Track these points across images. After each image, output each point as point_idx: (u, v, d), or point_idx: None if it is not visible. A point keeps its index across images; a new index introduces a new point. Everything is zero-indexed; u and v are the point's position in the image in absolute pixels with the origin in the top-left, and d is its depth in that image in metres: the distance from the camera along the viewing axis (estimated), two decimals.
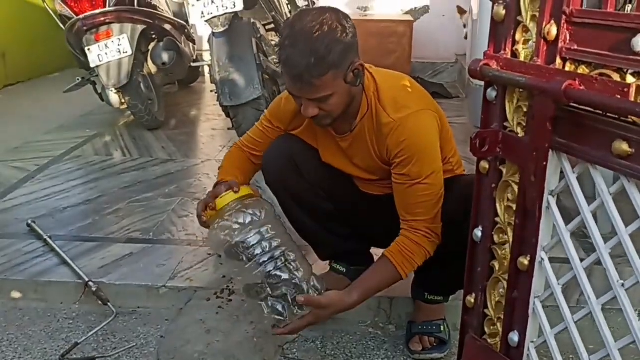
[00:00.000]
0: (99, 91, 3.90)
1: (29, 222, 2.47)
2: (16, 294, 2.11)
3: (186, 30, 4.26)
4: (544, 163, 0.94)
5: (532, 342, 1.08)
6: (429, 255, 1.63)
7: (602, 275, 0.90)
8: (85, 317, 2.03)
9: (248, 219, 1.59)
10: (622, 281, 0.87)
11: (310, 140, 1.81)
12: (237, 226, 1.58)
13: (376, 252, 2.08)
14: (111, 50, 3.44)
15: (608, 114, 0.83)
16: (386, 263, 1.62)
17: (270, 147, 1.81)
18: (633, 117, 0.77)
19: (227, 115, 3.08)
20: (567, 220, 0.94)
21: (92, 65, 3.49)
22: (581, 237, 2.11)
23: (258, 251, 1.57)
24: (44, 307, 2.08)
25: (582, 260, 0.96)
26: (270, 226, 1.62)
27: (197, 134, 3.95)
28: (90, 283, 2.06)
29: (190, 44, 4.37)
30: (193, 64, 3.65)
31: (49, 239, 2.33)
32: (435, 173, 1.60)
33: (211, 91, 3.19)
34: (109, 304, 2.02)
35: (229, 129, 3.60)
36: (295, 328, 1.59)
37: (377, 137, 1.64)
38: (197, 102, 4.77)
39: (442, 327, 1.85)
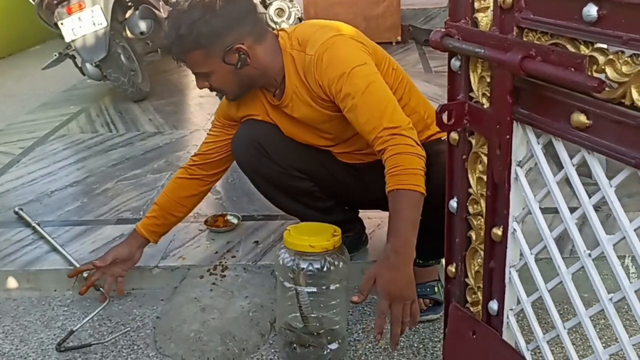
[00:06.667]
0: (79, 65, 3.88)
1: (17, 209, 2.51)
2: (9, 284, 2.16)
3: None
4: (507, 136, 0.95)
5: (511, 309, 1.12)
6: (422, 157, 1.51)
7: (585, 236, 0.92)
8: (80, 304, 2.08)
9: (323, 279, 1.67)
10: (588, 251, 0.90)
11: (267, 121, 1.84)
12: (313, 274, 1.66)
13: (364, 215, 2.12)
14: (85, 23, 3.41)
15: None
16: (398, 196, 1.49)
17: (235, 135, 1.86)
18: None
19: None
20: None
21: (67, 39, 3.47)
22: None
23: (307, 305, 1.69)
24: (38, 295, 2.13)
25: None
26: (338, 300, 1.72)
27: (184, 103, 3.95)
28: None
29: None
30: None
31: (37, 226, 2.37)
32: (373, 81, 1.57)
33: None
34: (101, 289, 2.07)
35: (216, 94, 3.59)
36: (380, 323, 1.45)
37: (309, 83, 1.66)
38: (182, 68, 4.72)
39: (435, 289, 1.90)
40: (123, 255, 1.96)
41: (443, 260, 1.93)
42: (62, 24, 3.44)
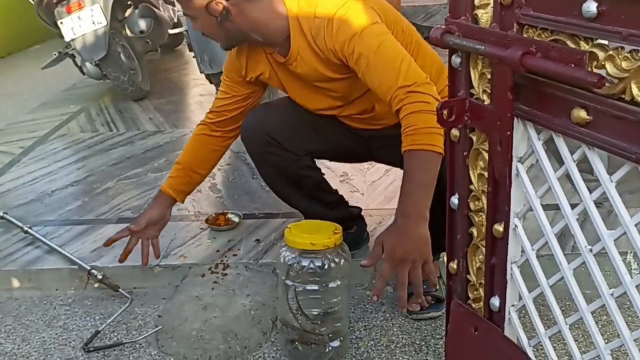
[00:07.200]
0: (79, 64, 3.90)
1: (1, 213, 2.40)
2: (10, 284, 2.17)
3: None
4: (508, 132, 0.96)
5: (513, 305, 1.12)
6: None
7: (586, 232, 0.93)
8: (81, 302, 2.09)
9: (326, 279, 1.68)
10: (589, 247, 0.90)
11: (276, 84, 1.86)
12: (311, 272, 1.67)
13: (365, 212, 2.13)
14: (85, 22, 3.42)
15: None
16: (410, 156, 1.45)
17: (244, 123, 1.86)
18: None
19: (211, 82, 3.08)
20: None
21: (66, 39, 3.49)
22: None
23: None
24: (39, 295, 2.15)
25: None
26: (339, 298, 1.72)
27: (184, 102, 3.97)
28: (94, 271, 2.09)
29: (170, 7, 4.33)
30: (172, 31, 3.63)
31: (30, 229, 2.31)
32: (385, 40, 1.58)
33: (193, 57, 3.19)
34: (120, 289, 2.06)
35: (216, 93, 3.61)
36: (379, 285, 1.47)
37: (319, 46, 1.66)
38: (183, 66, 4.75)
39: (437, 286, 1.90)
40: (156, 217, 1.94)
41: (445, 258, 1.95)
42: (61, 23, 3.45)
